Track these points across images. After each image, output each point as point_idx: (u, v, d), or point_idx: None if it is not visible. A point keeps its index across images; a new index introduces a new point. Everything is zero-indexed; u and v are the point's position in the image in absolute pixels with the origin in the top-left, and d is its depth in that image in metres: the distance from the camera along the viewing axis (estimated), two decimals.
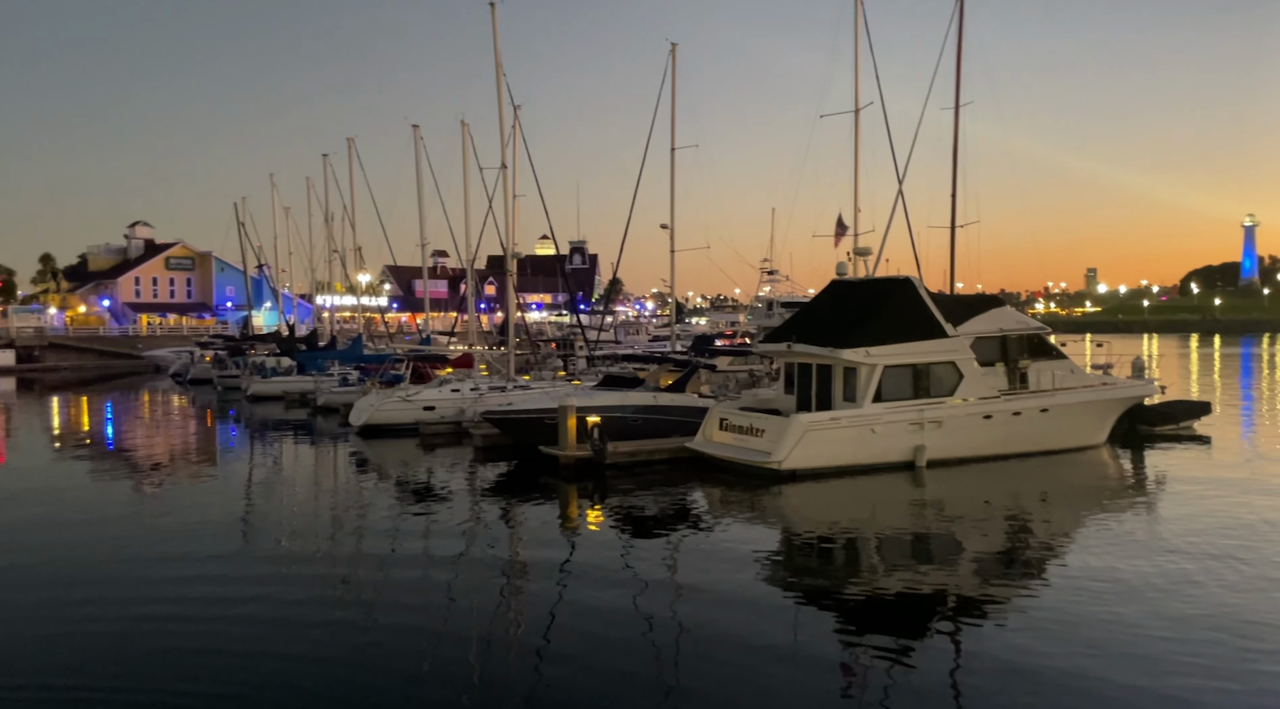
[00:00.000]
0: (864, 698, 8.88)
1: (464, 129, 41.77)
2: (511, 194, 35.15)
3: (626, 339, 61.84)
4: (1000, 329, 23.50)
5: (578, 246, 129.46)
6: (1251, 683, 9.04)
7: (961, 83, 31.04)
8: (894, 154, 32.52)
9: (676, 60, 34.29)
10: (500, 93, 32.94)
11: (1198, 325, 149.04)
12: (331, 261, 61.47)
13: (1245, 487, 19.07)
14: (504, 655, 10.11)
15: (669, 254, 35.36)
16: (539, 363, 41.74)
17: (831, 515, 17.53)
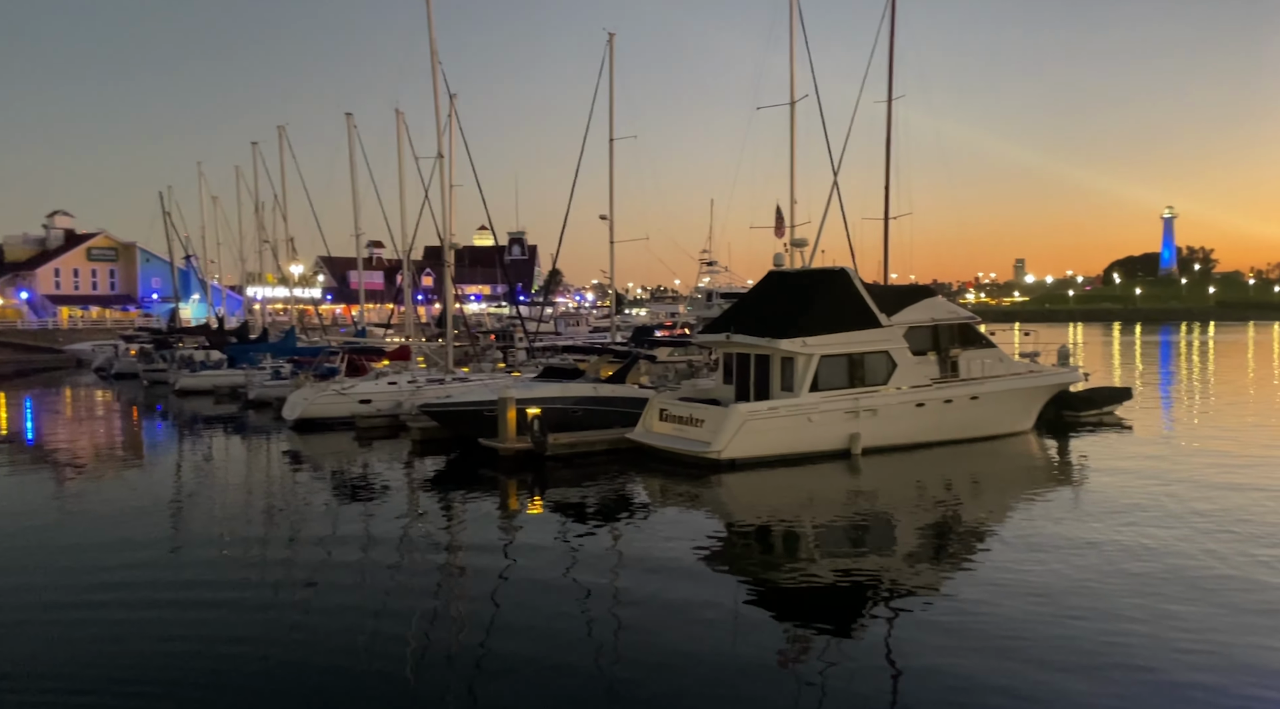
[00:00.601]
0: (801, 680, 9.05)
1: (399, 118, 41.08)
2: (448, 184, 34.73)
3: (566, 330, 61.69)
4: (932, 319, 24.03)
5: (516, 237, 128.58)
6: (1171, 666, 9.43)
7: (894, 76, 31.58)
8: (829, 146, 32.99)
9: (614, 50, 34.24)
10: (435, 81, 32.50)
11: (1120, 314, 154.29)
12: (262, 252, 60.05)
13: (1164, 470, 19.84)
14: (444, 648, 10.04)
15: (608, 245, 35.36)
16: (478, 355, 41.40)
17: (770, 503, 17.76)
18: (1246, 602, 11.05)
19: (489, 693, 8.84)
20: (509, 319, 58.84)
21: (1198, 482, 18.26)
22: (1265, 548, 13.33)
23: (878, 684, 8.93)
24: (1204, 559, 12.83)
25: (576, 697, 8.72)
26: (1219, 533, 14.21)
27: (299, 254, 60.61)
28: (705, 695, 8.72)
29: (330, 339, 43.41)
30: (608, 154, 34.51)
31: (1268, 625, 10.27)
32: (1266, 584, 11.70)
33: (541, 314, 50.39)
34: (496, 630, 10.56)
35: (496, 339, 49.06)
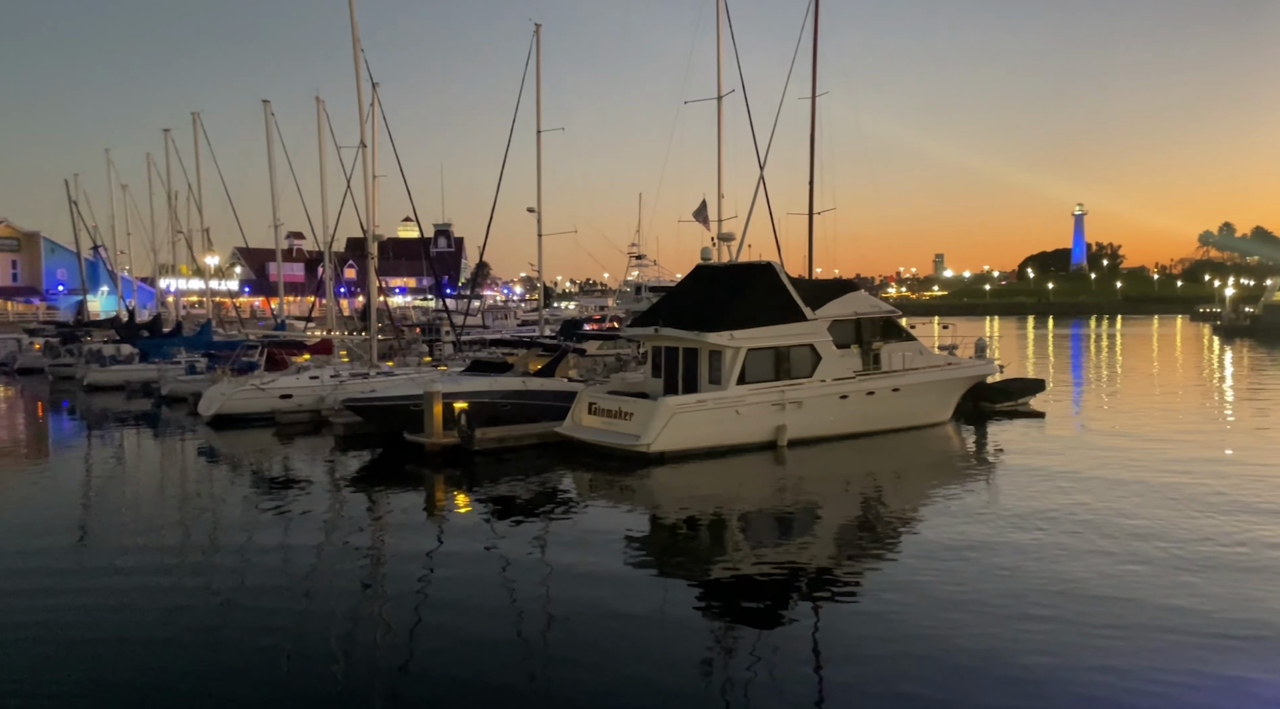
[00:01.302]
0: (730, 672, 9.14)
1: (319, 105, 40.14)
2: (371, 174, 34.01)
3: (494, 324, 61.08)
4: (855, 312, 24.51)
5: (443, 229, 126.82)
6: (1087, 651, 9.79)
7: (818, 74, 32.07)
8: (755, 142, 33.36)
9: (541, 42, 33.98)
10: (358, 69, 31.79)
11: (1033, 308, 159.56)
12: (176, 243, 57.98)
13: (1074, 459, 20.60)
14: (367, 647, 9.86)
15: (536, 238, 35.13)
16: (403, 349, 40.72)
17: (698, 495, 17.90)
18: (1159, 587, 11.51)
19: (414, 693, 8.71)
20: (435, 312, 58.06)
21: (1106, 468, 19.00)
22: (1171, 529, 13.93)
23: (805, 674, 9.08)
24: (1114, 545, 13.34)
25: (504, 694, 8.65)
26: (1128, 519, 14.80)
27: (215, 245, 58.71)
28: (635, 690, 8.74)
29: (248, 333, 42.15)
30: (535, 146, 34.27)
31: (1187, 606, 10.73)
32: (1179, 568, 12.22)
33: (468, 307, 49.76)
34: (421, 629, 10.41)
35: (422, 333, 48.35)
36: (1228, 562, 12.35)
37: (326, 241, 40.17)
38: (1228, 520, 14.52)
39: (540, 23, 33.93)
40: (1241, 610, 10.47)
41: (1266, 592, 11.11)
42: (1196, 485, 17.13)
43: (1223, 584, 11.39)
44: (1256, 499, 15.98)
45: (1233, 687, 8.51)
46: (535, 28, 33.90)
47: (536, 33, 33.89)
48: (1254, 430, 24.78)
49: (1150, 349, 62.39)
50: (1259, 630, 9.89)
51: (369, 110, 33.77)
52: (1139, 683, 8.61)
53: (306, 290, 66.69)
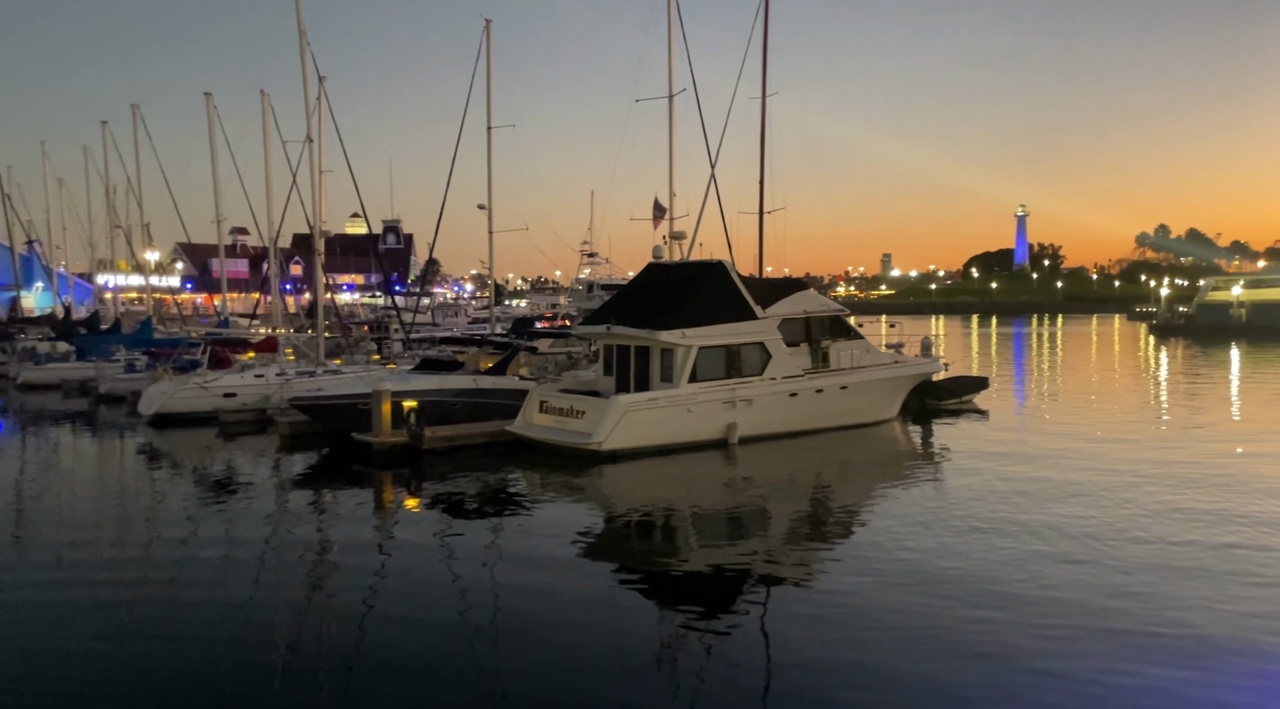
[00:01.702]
0: (681, 669, 9.20)
1: (264, 99, 39.39)
2: (318, 169, 33.45)
3: (444, 321, 60.52)
4: (805, 311, 24.78)
5: (391, 226, 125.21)
6: (1029, 651, 10.03)
7: (768, 74, 32.34)
8: (707, 141, 33.51)
9: (491, 37, 33.75)
10: (304, 62, 31.26)
11: (978, 307, 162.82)
12: (114, 238, 56.51)
13: (1016, 456, 21.09)
14: (314, 650, 9.72)
15: (487, 235, 34.90)
16: (351, 346, 40.17)
17: (650, 494, 17.95)
18: (1099, 586, 11.79)
19: (362, 696, 8.62)
20: (384, 310, 57.34)
21: (1048, 466, 19.47)
22: (1115, 523, 14.33)
23: (755, 670, 9.15)
24: (1055, 544, 13.67)
25: (454, 694, 8.60)
26: (1068, 517, 15.17)
27: (155, 241, 57.32)
28: (587, 688, 8.75)
29: (190, 330, 41.24)
30: (486, 142, 34.04)
31: (1121, 608, 11.04)
32: (1118, 569, 12.55)
33: (418, 305, 49.26)
34: (369, 631, 10.29)
35: (370, 330, 47.74)
36: (1168, 561, 12.71)
37: (272, 237, 39.45)
38: (1165, 519, 14.96)
39: (491, 19, 33.74)
40: (1174, 610, 10.77)
41: (1206, 592, 11.42)
42: (1135, 484, 17.63)
43: (1162, 584, 11.67)
44: (1194, 500, 16.47)
45: (1168, 687, 8.75)
46: (486, 23, 33.69)
47: (487, 28, 33.67)
48: (1190, 428, 25.58)
49: (1089, 347, 64.04)
50: (1193, 630, 10.20)
51: (315, 104, 33.22)
52: (1079, 683, 8.82)
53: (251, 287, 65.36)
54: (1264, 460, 19.81)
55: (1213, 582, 11.52)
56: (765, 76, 32.31)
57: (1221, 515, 14.81)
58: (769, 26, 32.35)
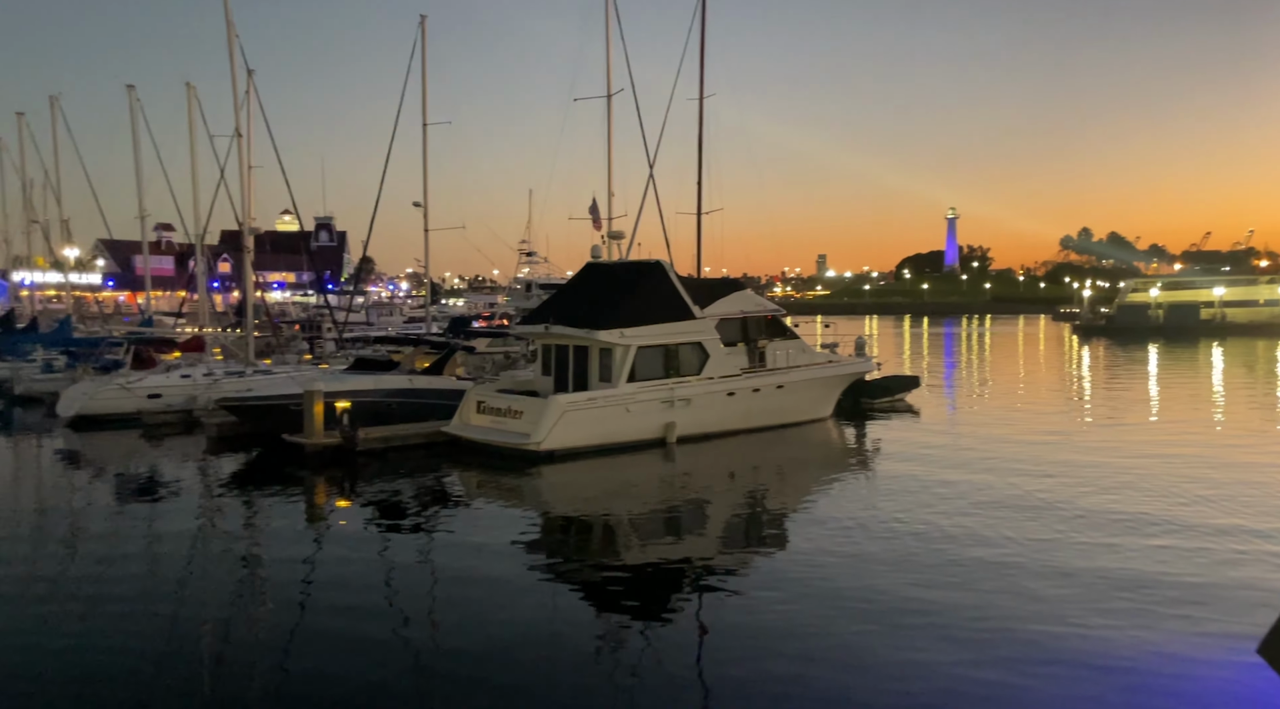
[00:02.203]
0: (619, 669, 9.19)
1: (190, 92, 38.25)
2: (247, 164, 32.60)
3: (379, 320, 59.55)
4: (742, 311, 24.99)
5: (324, 223, 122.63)
6: (961, 644, 10.26)
7: (705, 75, 32.54)
8: (645, 141, 33.57)
9: (426, 33, 33.31)
10: (232, 55, 30.46)
11: (910, 307, 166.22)
12: (31, 234, 54.28)
13: (947, 454, 21.59)
14: (243, 658, 9.47)
15: (423, 233, 34.44)
16: (281, 346, 39.24)
17: (588, 494, 17.92)
18: (1033, 581, 12.13)
19: (291, 695, 8.43)
20: (316, 308, 56.17)
21: (977, 463, 19.97)
22: (1041, 520, 14.75)
23: (691, 669, 9.20)
24: (984, 538, 14.02)
25: (387, 695, 8.46)
26: (997, 513, 15.56)
27: (75, 237, 55.21)
28: (524, 690, 8.69)
29: (112, 329, 39.84)
30: (421, 139, 33.59)
31: (1047, 611, 11.36)
32: (1051, 559, 12.92)
33: (351, 303, 48.34)
34: (301, 636, 10.07)
35: (302, 329, 46.73)
36: (1093, 555, 13.13)
37: (198, 234, 38.34)
38: (1092, 518, 15.43)
39: (426, 14, 33.29)
40: (1101, 611, 11.11)
41: (1129, 591, 11.80)
42: (1062, 482, 18.16)
43: (1088, 580, 12.06)
44: (1117, 500, 17.02)
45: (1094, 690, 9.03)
46: (421, 19, 33.20)
47: (422, 24, 33.21)
48: (1112, 427, 26.47)
49: (1016, 347, 65.88)
50: (1120, 624, 10.56)
51: (244, 98, 32.41)
52: (1013, 679, 9.05)
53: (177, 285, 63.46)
54: (1179, 459, 20.58)
55: (1136, 582, 11.91)
56: (703, 78, 32.52)
57: (1147, 516, 15.34)
58: (706, 28, 32.58)
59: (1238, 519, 14.59)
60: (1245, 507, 15.43)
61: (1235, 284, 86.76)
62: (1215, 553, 12.76)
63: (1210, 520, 14.52)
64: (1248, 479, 17.66)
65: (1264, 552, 12.80)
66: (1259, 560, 12.41)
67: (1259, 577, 11.69)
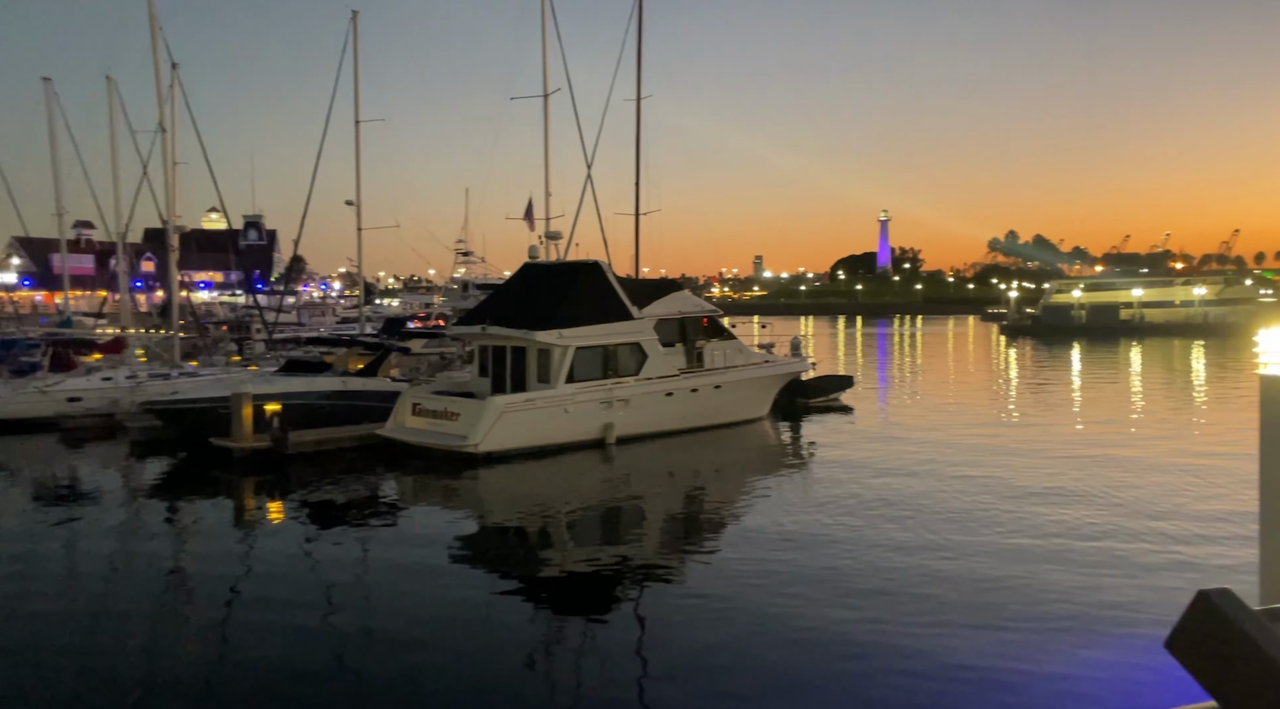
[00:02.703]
0: (556, 671, 9.13)
1: (110, 85, 36.97)
2: (171, 161, 31.64)
3: (311, 321, 58.33)
4: (680, 312, 25.09)
5: (253, 221, 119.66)
6: (900, 638, 10.43)
7: (642, 76, 32.61)
8: (582, 141, 33.51)
9: (358, 29, 32.74)
10: (155, 48, 29.52)
11: (844, 308, 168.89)
12: None
13: (880, 451, 21.97)
14: (169, 667, 9.16)
15: (356, 232, 33.83)
16: (208, 347, 38.17)
17: (527, 496, 17.79)
18: (968, 577, 12.39)
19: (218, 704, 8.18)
20: (245, 309, 54.78)
21: (910, 461, 20.35)
22: (976, 515, 15.08)
23: (630, 670, 9.19)
24: (919, 534, 14.29)
25: (319, 704, 8.27)
26: (932, 510, 15.87)
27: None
28: (460, 695, 8.56)
29: (28, 330, 38.27)
30: (354, 137, 32.99)
31: (986, 601, 11.61)
32: (983, 552, 13.21)
33: (281, 303, 47.25)
34: (230, 644, 9.78)
35: (230, 330, 45.54)
36: (1027, 550, 13.47)
37: (120, 232, 37.07)
38: (1018, 511, 15.84)
39: (358, 10, 32.70)
40: (1034, 597, 11.43)
41: (1062, 581, 12.09)
42: (991, 476, 18.62)
43: (1023, 573, 12.28)
44: (1049, 494, 17.49)
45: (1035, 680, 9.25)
46: (352, 14, 32.63)
47: (354, 20, 32.63)
48: (1038, 423, 27.24)
49: (947, 347, 67.43)
50: (1049, 616, 10.84)
51: (168, 92, 31.43)
52: (949, 670, 9.22)
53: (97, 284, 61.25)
54: (1103, 459, 21.28)
55: (1075, 570, 12.25)
56: (640, 79, 32.58)
57: (1076, 507, 15.81)
58: (643, 29, 32.66)
59: (1152, 519, 15.11)
60: (1157, 506, 15.99)
61: (1152, 286, 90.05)
62: (1126, 551, 13.19)
63: (1126, 519, 15.00)
64: (1163, 481, 18.32)
65: (1173, 549, 13.27)
66: (1168, 557, 12.85)
67: (1163, 572, 12.05)
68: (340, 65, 32.86)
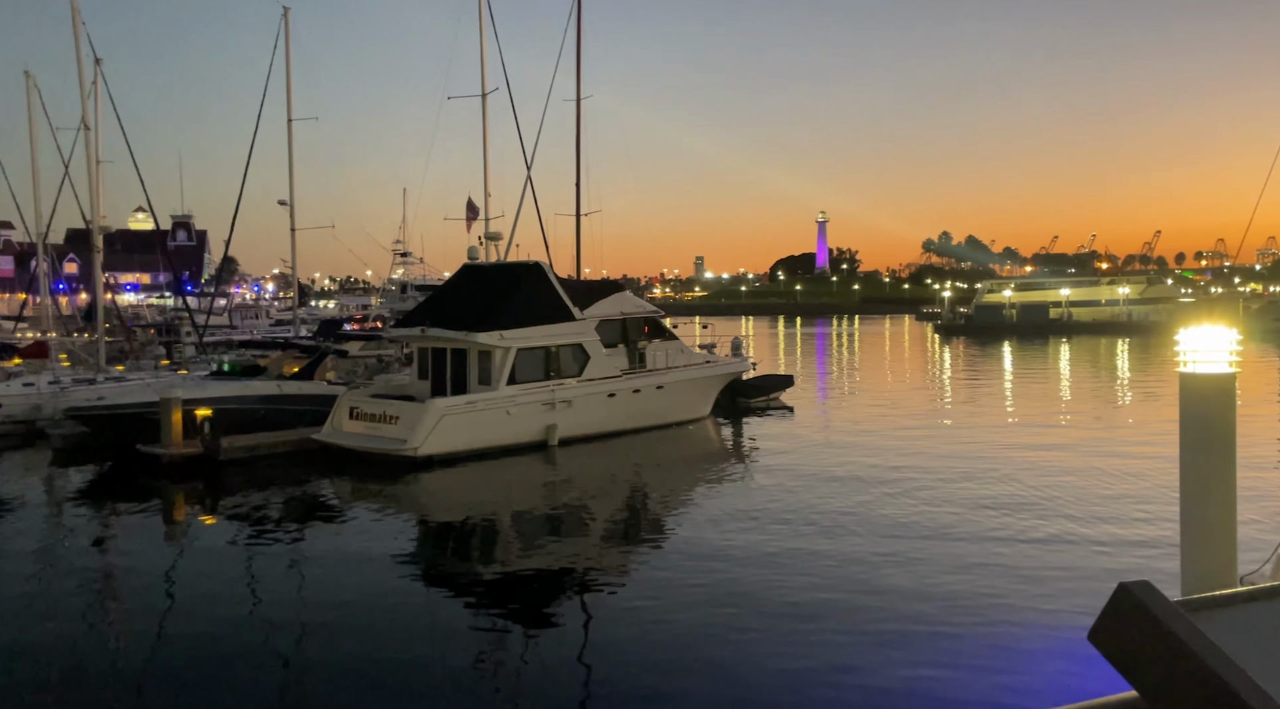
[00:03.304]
0: (499, 676, 9.05)
1: (28, 80, 35.60)
2: (95, 159, 30.64)
3: (243, 324, 56.95)
4: (622, 312, 25.10)
5: (182, 221, 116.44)
6: (836, 641, 10.55)
7: (582, 77, 32.55)
8: (522, 141, 33.32)
9: (290, 25, 32.08)
10: (78, 42, 28.57)
11: (784, 308, 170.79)
12: None
13: (820, 450, 22.25)
14: (96, 685, 8.84)
15: (289, 232, 33.15)
16: (136, 351, 37.03)
17: (469, 499, 17.61)
18: (910, 577, 12.56)
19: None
20: (174, 311, 53.31)
21: (849, 460, 20.64)
22: (914, 515, 15.35)
23: (574, 673, 9.14)
24: (862, 534, 14.49)
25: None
26: (873, 507, 16.12)
27: None
28: (401, 702, 8.42)
29: None
30: (286, 135, 32.32)
31: (922, 610, 11.81)
32: (926, 552, 13.44)
33: (212, 305, 46.05)
34: (161, 657, 9.49)
35: (159, 334, 44.25)
36: (961, 547, 13.74)
37: (40, 233, 35.75)
38: (964, 508, 16.15)
39: (289, 6, 32.04)
40: (967, 594, 11.66)
41: (993, 577, 12.36)
42: (928, 475, 18.98)
43: (957, 569, 12.51)
44: (986, 490, 17.91)
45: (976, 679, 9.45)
46: (284, 11, 31.95)
47: (285, 16, 31.95)
48: (972, 420, 27.87)
49: (883, 346, 68.63)
50: (965, 619, 11.08)
51: (91, 88, 30.42)
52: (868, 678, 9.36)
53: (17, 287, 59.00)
54: (1029, 451, 21.87)
55: (1006, 566, 12.55)
56: (579, 79, 32.52)
57: (1005, 502, 16.18)
58: (582, 28, 32.60)
59: (1078, 514, 15.57)
60: (1084, 501, 16.47)
61: (1080, 285, 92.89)
62: (1054, 545, 13.54)
63: (1054, 515, 15.41)
64: (1090, 477, 18.89)
65: (1099, 543, 13.69)
66: (1095, 551, 13.25)
67: (1090, 565, 12.38)
68: (272, 62, 32.19)
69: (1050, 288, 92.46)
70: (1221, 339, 6.69)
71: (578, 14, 32.53)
